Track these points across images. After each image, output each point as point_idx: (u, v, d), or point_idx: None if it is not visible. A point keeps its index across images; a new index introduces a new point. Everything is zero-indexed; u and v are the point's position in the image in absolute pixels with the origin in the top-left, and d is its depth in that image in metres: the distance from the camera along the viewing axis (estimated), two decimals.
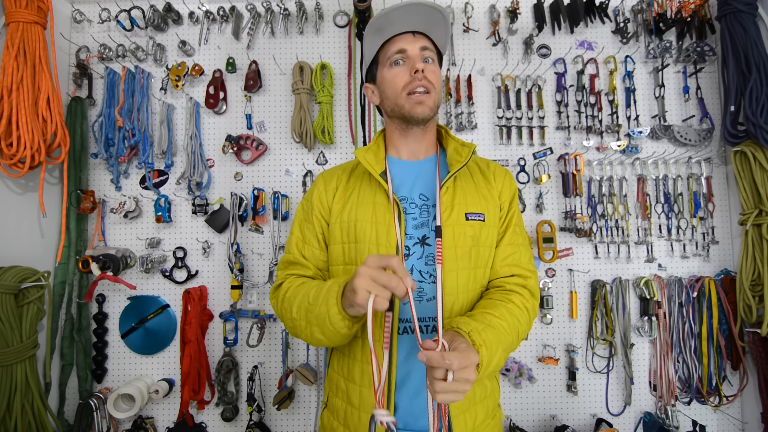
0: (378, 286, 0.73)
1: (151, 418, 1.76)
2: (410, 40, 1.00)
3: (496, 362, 0.84)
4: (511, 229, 1.05)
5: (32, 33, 1.54)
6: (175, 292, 1.78)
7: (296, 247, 1.07)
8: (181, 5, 1.84)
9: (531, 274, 1.03)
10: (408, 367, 0.95)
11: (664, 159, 1.79)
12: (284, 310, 0.97)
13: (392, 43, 1.01)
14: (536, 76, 1.83)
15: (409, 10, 0.97)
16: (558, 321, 1.77)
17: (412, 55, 1.00)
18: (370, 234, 0.98)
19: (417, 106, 0.99)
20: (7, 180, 1.56)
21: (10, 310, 1.42)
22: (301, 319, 0.91)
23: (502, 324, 0.89)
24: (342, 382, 1.01)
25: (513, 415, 1.75)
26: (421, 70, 0.97)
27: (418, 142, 1.07)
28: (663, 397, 1.70)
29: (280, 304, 1.00)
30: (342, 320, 0.82)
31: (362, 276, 0.74)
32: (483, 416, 0.98)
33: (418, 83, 0.97)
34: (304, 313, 0.90)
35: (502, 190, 1.08)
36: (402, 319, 0.95)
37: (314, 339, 0.91)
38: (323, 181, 1.11)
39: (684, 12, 1.80)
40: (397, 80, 1.00)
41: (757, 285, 1.60)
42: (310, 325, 0.89)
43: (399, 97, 1.00)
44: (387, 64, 1.02)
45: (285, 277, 1.05)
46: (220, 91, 1.81)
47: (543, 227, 1.75)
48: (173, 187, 1.81)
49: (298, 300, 0.93)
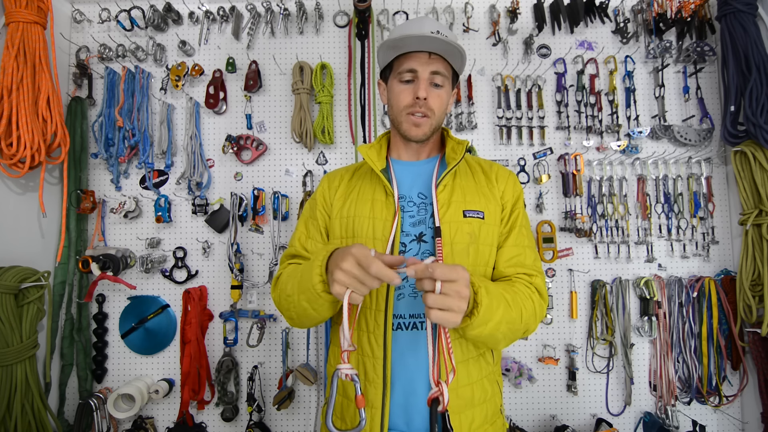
0: (357, 283, 0.75)
1: (151, 418, 1.75)
2: (424, 62, 1.00)
3: (496, 321, 0.82)
4: (516, 230, 1.04)
5: (32, 33, 1.54)
6: (175, 292, 1.78)
7: (299, 241, 1.10)
8: (181, 5, 1.84)
9: (537, 273, 1.01)
10: (403, 364, 0.94)
11: (664, 159, 1.79)
12: (281, 293, 0.98)
13: (407, 58, 1.01)
14: (536, 76, 1.83)
15: (423, 40, 0.98)
16: (558, 321, 1.77)
17: (422, 78, 1.00)
18: (367, 229, 1.00)
19: (413, 128, 1.02)
20: (7, 180, 1.56)
21: (10, 310, 1.42)
22: (294, 293, 0.92)
23: (504, 294, 0.87)
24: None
25: (513, 415, 1.75)
26: (424, 98, 0.99)
27: (419, 151, 1.11)
28: (663, 397, 1.70)
29: (279, 289, 1.00)
30: (324, 288, 0.83)
31: (344, 272, 0.75)
32: (480, 420, 0.97)
33: (417, 109, 1.00)
34: (296, 284, 0.91)
35: (505, 190, 1.08)
36: (396, 315, 0.96)
37: (308, 316, 0.91)
38: (327, 180, 1.15)
39: (684, 12, 1.80)
40: (401, 98, 1.02)
41: (757, 285, 1.60)
42: (300, 298, 0.89)
43: (400, 114, 1.03)
44: (398, 77, 1.03)
45: (285, 267, 1.07)
46: (220, 91, 1.81)
47: (543, 227, 1.75)
48: (173, 187, 1.81)
49: (295, 277, 0.94)
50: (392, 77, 1.06)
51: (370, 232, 0.99)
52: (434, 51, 1.00)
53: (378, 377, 0.93)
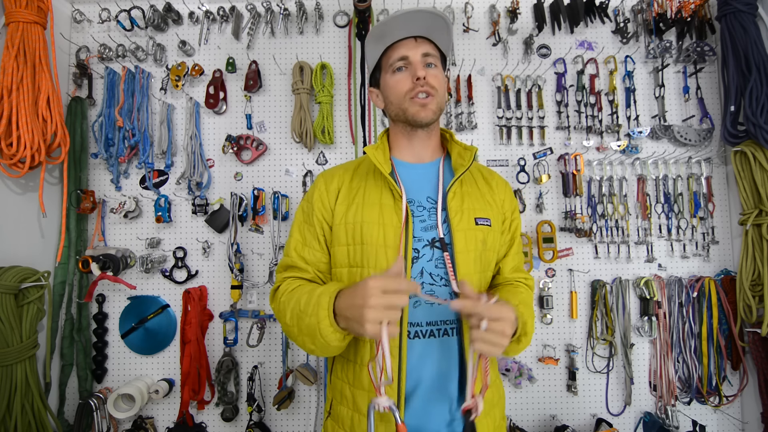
0: (391, 312, 0.74)
1: (151, 418, 1.76)
2: (412, 46, 1.00)
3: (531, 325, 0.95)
4: (517, 239, 1.13)
5: (32, 33, 1.54)
6: (175, 292, 1.78)
7: (295, 251, 1.05)
8: (181, 5, 1.84)
9: (527, 274, 1.14)
10: (419, 373, 0.93)
11: (664, 159, 1.79)
12: (280, 315, 0.96)
13: (394, 49, 1.01)
14: (536, 76, 1.83)
15: (408, 18, 0.97)
16: (558, 321, 1.77)
17: (414, 61, 0.99)
18: (377, 236, 0.96)
19: (421, 110, 0.99)
20: (7, 180, 1.56)
21: (10, 310, 1.42)
22: (293, 326, 0.90)
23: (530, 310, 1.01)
24: (347, 390, 0.98)
25: (513, 415, 1.75)
26: (423, 77, 0.97)
27: (423, 146, 1.07)
28: (663, 397, 1.70)
29: (277, 307, 0.99)
30: (334, 332, 0.81)
31: (374, 308, 0.73)
32: (499, 419, 1.01)
33: (420, 89, 0.98)
34: (296, 320, 0.89)
35: (505, 199, 1.11)
36: (412, 323, 0.94)
37: (307, 348, 0.91)
38: (324, 181, 1.08)
39: (684, 12, 1.80)
40: (400, 86, 1.00)
41: (757, 285, 1.60)
42: (301, 334, 0.88)
43: (403, 101, 1.00)
44: (390, 70, 1.02)
45: (282, 280, 1.02)
46: (220, 91, 1.81)
47: (543, 227, 1.75)
48: (173, 187, 1.81)
49: (291, 306, 0.92)
50: (384, 73, 1.05)
51: (380, 239, 0.95)
52: (419, 33, 1.00)
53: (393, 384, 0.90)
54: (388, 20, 0.98)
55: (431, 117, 1.00)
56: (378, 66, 1.07)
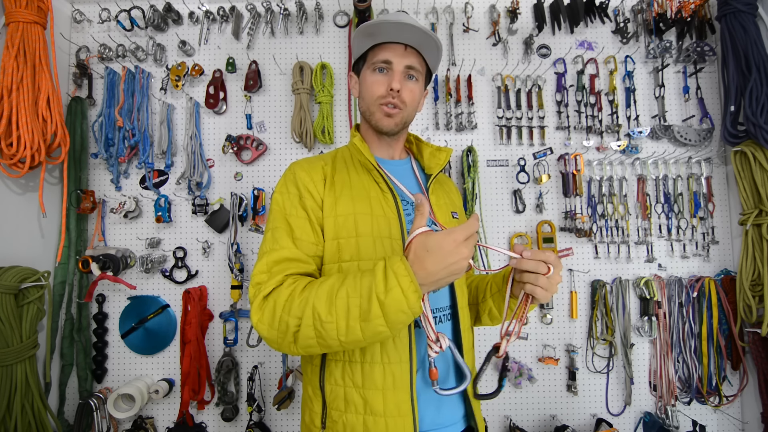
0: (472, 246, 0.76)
1: (151, 418, 1.76)
2: (400, 53, 1.00)
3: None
4: None
5: (32, 33, 1.54)
6: (175, 292, 1.78)
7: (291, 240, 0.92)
8: (181, 5, 1.84)
9: None
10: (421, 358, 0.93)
11: (664, 159, 1.79)
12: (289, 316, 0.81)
13: (382, 48, 1.01)
14: (536, 76, 1.83)
15: (403, 27, 0.97)
16: (558, 321, 1.77)
17: (396, 70, 0.99)
18: (372, 227, 0.94)
19: (385, 118, 1.01)
20: (7, 180, 1.56)
21: (10, 310, 1.42)
22: (339, 318, 0.77)
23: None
24: (354, 394, 0.91)
25: (513, 415, 1.75)
26: (397, 90, 0.98)
27: (391, 146, 1.10)
28: (663, 397, 1.70)
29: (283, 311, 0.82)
30: (418, 300, 0.74)
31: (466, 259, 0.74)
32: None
33: (390, 100, 1.00)
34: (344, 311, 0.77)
35: (457, 198, 1.21)
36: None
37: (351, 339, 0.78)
38: (304, 170, 0.99)
39: (684, 12, 1.80)
40: (374, 88, 1.01)
41: (757, 285, 1.60)
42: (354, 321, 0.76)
43: (372, 104, 1.02)
44: (372, 67, 1.02)
45: (283, 279, 0.87)
46: (220, 91, 1.81)
47: (543, 227, 1.75)
48: (173, 187, 1.81)
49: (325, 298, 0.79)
50: (366, 67, 1.04)
51: (375, 229, 0.93)
52: (410, 43, 0.99)
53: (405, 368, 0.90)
54: (382, 22, 0.97)
55: (393, 129, 1.03)
56: (363, 57, 1.06)
